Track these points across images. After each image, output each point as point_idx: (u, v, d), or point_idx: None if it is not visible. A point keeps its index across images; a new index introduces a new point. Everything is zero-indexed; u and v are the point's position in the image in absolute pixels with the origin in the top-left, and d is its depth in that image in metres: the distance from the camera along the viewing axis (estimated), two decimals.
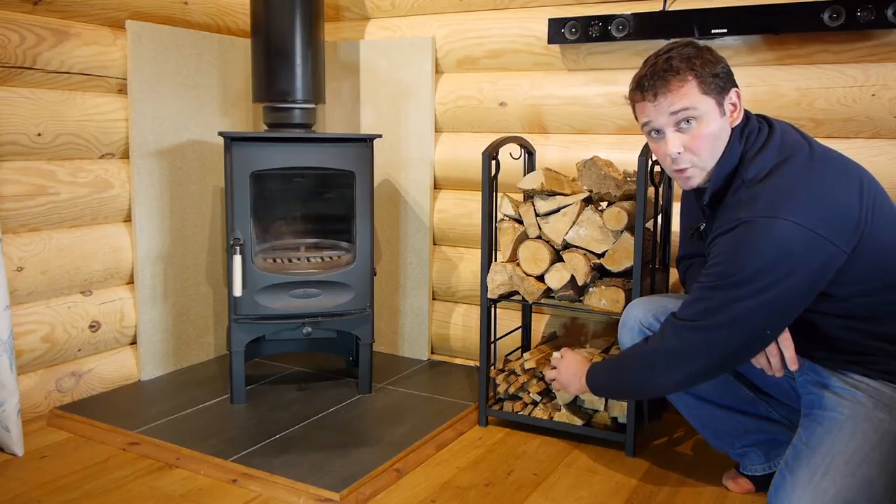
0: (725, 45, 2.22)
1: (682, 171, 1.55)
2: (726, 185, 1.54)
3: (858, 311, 1.49)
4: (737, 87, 1.54)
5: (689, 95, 1.48)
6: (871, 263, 1.45)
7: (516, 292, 2.20)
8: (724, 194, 1.55)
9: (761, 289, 1.40)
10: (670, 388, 1.65)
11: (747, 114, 1.57)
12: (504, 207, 2.23)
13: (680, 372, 1.54)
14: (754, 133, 1.54)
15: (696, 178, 1.56)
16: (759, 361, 1.57)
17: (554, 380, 1.91)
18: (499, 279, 2.18)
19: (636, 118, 1.59)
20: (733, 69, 1.56)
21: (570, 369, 1.84)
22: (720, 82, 1.50)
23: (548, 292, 2.16)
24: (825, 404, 1.53)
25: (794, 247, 1.38)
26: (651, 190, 2.06)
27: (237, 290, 2.26)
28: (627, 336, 1.80)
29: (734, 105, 1.53)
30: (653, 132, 1.56)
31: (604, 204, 2.16)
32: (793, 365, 1.53)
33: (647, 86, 1.51)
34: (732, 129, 1.54)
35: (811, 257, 1.39)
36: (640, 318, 1.78)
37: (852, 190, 1.45)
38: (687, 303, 1.53)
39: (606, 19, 2.29)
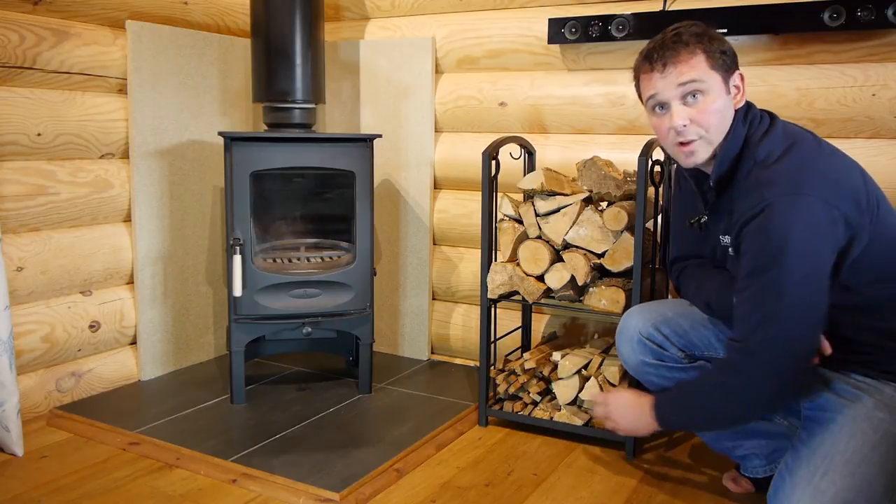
0: None
1: (686, 144, 1.53)
2: (732, 169, 1.54)
3: (868, 304, 1.49)
4: (740, 70, 1.55)
5: (697, 68, 1.48)
6: (879, 251, 1.46)
7: (516, 292, 2.19)
8: (730, 178, 1.55)
9: (806, 276, 1.38)
10: (765, 413, 1.59)
11: (748, 102, 1.58)
12: (504, 207, 2.23)
13: (772, 392, 1.46)
14: (757, 119, 1.55)
15: (701, 152, 1.54)
16: None
17: (614, 427, 1.76)
18: (499, 279, 2.18)
19: (639, 94, 1.59)
20: None
21: (629, 412, 1.70)
22: (727, 60, 1.51)
23: (548, 292, 2.16)
24: (826, 405, 1.53)
25: (823, 222, 1.39)
26: (651, 190, 2.06)
27: (237, 290, 2.26)
28: (627, 346, 1.78)
29: (738, 87, 1.54)
30: (657, 107, 1.55)
31: (604, 204, 2.16)
32: (827, 350, 1.51)
33: (655, 57, 1.51)
34: (736, 112, 1.54)
35: (838, 232, 1.40)
36: (640, 328, 1.76)
37: (858, 176, 1.49)
38: (741, 318, 1.46)
39: (606, 19, 2.29)
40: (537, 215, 2.13)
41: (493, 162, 2.20)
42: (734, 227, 1.51)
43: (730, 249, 1.58)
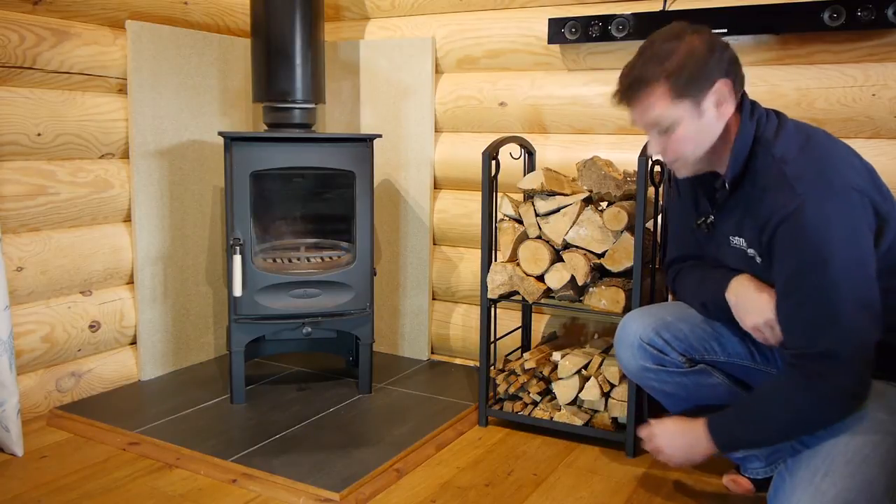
0: None
1: (671, 163, 1.57)
2: (744, 167, 1.51)
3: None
4: (726, 76, 1.48)
5: (656, 107, 1.47)
6: (888, 244, 1.45)
7: (516, 292, 2.19)
8: (742, 177, 1.52)
9: (856, 266, 1.35)
10: (853, 412, 1.46)
11: (752, 101, 1.54)
12: (504, 207, 2.23)
13: (857, 390, 1.41)
14: (764, 117, 1.53)
15: (684, 170, 1.56)
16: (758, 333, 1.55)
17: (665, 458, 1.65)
18: (499, 279, 2.18)
19: None
20: None
21: (679, 440, 1.60)
22: (698, 84, 1.45)
23: (548, 292, 2.16)
24: None
25: (857, 208, 1.38)
26: (651, 190, 2.06)
27: (237, 290, 2.26)
28: (627, 352, 1.76)
29: (720, 99, 1.48)
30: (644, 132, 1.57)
31: (604, 204, 2.16)
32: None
33: (620, 95, 1.53)
34: (742, 111, 1.51)
35: (870, 217, 1.40)
36: (640, 333, 1.73)
37: (872, 169, 1.49)
38: (802, 324, 1.41)
39: (606, 19, 2.29)
40: (537, 215, 2.13)
41: (493, 162, 2.20)
42: (761, 227, 1.47)
43: (748, 251, 1.55)
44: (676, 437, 1.60)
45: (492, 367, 2.29)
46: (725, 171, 1.54)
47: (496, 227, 2.24)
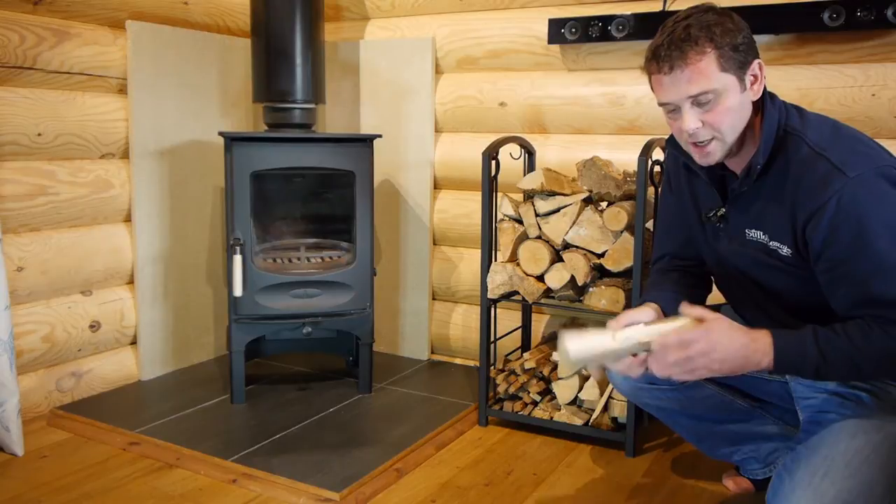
0: None
1: (701, 146, 1.45)
2: (771, 155, 1.46)
3: None
4: (758, 57, 1.46)
5: (705, 73, 1.38)
6: None
7: (516, 292, 2.20)
8: (768, 166, 1.47)
9: None
10: None
11: (770, 91, 1.51)
12: (504, 207, 2.23)
13: None
14: (783, 106, 1.49)
15: (717, 153, 1.45)
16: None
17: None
18: (499, 279, 2.18)
19: (652, 91, 1.49)
20: None
21: (734, 340, 1.36)
22: (741, 56, 1.41)
23: (548, 292, 2.16)
24: (825, 406, 1.52)
25: None
26: (651, 190, 2.06)
27: (237, 290, 2.27)
28: (619, 375, 1.71)
29: (755, 77, 1.45)
30: (670, 108, 1.45)
31: (604, 204, 2.16)
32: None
33: (663, 56, 1.41)
34: (764, 97, 1.47)
35: None
36: None
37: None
38: (868, 302, 1.35)
39: (606, 19, 2.29)
40: (537, 215, 2.13)
41: (493, 162, 2.20)
42: (807, 217, 1.40)
43: (770, 244, 1.48)
44: (734, 337, 1.36)
45: (492, 367, 2.29)
46: (753, 158, 1.46)
47: (496, 227, 2.24)
